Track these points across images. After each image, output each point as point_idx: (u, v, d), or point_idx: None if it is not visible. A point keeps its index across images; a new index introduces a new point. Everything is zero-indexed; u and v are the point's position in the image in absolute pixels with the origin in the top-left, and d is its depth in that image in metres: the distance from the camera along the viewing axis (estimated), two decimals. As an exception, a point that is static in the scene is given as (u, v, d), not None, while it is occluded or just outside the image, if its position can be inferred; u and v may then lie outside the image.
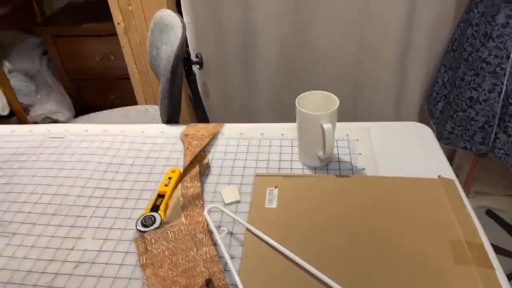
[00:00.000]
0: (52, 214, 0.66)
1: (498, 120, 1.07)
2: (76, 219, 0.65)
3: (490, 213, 1.57)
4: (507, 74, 1.01)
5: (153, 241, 0.59)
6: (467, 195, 1.43)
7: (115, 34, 1.49)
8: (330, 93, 0.70)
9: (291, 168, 0.73)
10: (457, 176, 1.67)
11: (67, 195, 0.70)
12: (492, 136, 1.10)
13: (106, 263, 0.57)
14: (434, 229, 0.57)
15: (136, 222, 0.62)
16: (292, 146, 0.78)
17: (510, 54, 0.99)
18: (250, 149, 0.78)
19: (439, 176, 0.67)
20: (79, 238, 0.62)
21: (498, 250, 1.41)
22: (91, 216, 0.65)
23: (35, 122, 1.90)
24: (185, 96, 1.54)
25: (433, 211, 0.60)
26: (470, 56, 1.09)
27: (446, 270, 0.52)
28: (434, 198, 0.63)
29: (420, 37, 1.29)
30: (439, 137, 1.25)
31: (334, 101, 0.68)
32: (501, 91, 1.04)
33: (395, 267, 0.53)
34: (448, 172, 0.69)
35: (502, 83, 1.03)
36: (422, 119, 1.47)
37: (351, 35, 1.31)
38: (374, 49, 1.33)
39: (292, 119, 0.72)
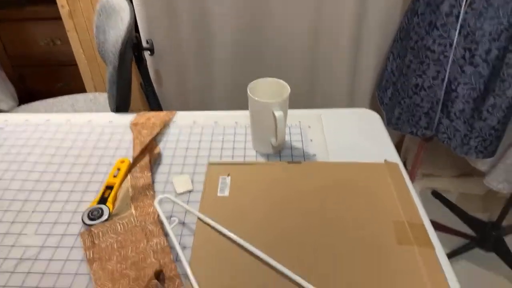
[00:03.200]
0: (-10, 210, 0.62)
1: (441, 106, 1.13)
2: (16, 214, 0.62)
3: (435, 194, 1.67)
4: (449, 62, 1.06)
5: (100, 234, 0.57)
6: (414, 177, 1.50)
7: (60, 18, 1.41)
8: (281, 81, 0.70)
9: (245, 156, 0.72)
10: (406, 159, 1.75)
11: (6, 189, 0.66)
12: (436, 121, 1.16)
13: (50, 259, 0.55)
14: (379, 211, 0.60)
15: (82, 216, 0.60)
16: (245, 134, 0.78)
17: (453, 42, 1.04)
18: (203, 138, 0.77)
19: (385, 160, 0.69)
20: (20, 234, 0.59)
21: (442, 228, 1.51)
22: (33, 211, 0.62)
23: (-26, 112, 1.77)
24: (137, 84, 1.49)
25: (379, 193, 0.63)
26: (415, 44, 1.13)
27: (390, 250, 0.54)
28: (379, 181, 0.65)
29: (371, 26, 1.32)
30: (388, 123, 1.30)
31: (285, 89, 0.68)
32: (444, 78, 1.09)
33: (342, 248, 0.55)
34: (394, 156, 0.71)
35: (445, 71, 1.08)
36: (374, 106, 1.52)
37: (305, 25, 1.32)
38: (327, 38, 1.35)
39: (247, 106, 0.72)
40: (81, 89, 1.59)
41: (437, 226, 1.52)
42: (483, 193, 1.68)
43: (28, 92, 1.94)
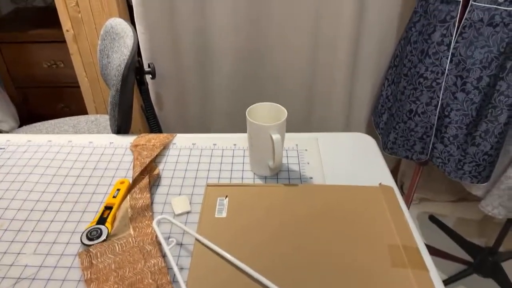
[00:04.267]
0: (-10, 229, 0.63)
1: (435, 131, 1.15)
2: (16, 234, 0.62)
3: (432, 219, 1.67)
4: (442, 89, 1.09)
5: (98, 254, 0.58)
6: (411, 202, 1.50)
7: (64, 41, 1.45)
8: (279, 105, 0.72)
9: (243, 178, 0.74)
10: (402, 184, 1.75)
11: (6, 208, 0.67)
12: (430, 145, 1.18)
13: (48, 279, 0.55)
14: (374, 234, 0.61)
15: (81, 236, 0.61)
16: (244, 156, 0.80)
17: (445, 70, 1.07)
18: (202, 160, 0.79)
19: (379, 184, 0.71)
20: (19, 253, 0.59)
21: (440, 253, 1.50)
22: (32, 231, 0.63)
23: (-25, 132, 1.79)
24: (138, 106, 1.52)
25: (373, 217, 0.64)
26: (409, 71, 1.16)
27: (384, 272, 0.55)
28: (374, 204, 0.66)
29: (367, 54, 1.36)
30: (384, 147, 1.32)
31: (283, 113, 0.71)
32: (437, 104, 1.12)
33: (337, 270, 0.55)
34: (389, 180, 0.73)
35: (438, 97, 1.11)
36: (370, 131, 1.54)
37: (304, 51, 1.36)
38: (324, 64, 1.39)
39: (246, 129, 0.74)
40: (82, 111, 1.62)
41: (434, 251, 1.51)
42: (480, 218, 1.69)
43: (30, 113, 1.97)
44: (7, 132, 1.83)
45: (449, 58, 1.05)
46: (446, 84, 1.08)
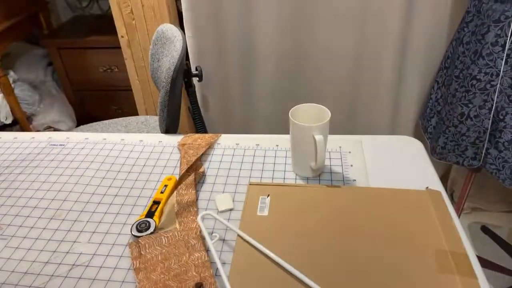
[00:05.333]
0: (50, 218, 0.68)
1: (489, 136, 1.10)
2: (72, 224, 0.67)
3: (485, 229, 1.58)
4: (497, 91, 1.04)
5: (147, 246, 0.61)
6: (462, 211, 1.43)
7: (119, 47, 1.53)
8: (322, 106, 0.72)
9: (284, 178, 0.75)
10: (452, 191, 1.68)
11: (65, 200, 0.72)
12: (483, 151, 1.12)
13: (100, 267, 0.59)
14: (420, 239, 0.59)
15: (131, 227, 0.64)
16: (286, 157, 0.80)
17: (499, 71, 1.01)
18: (245, 159, 0.81)
19: (426, 188, 0.69)
20: (75, 242, 0.64)
21: (492, 265, 1.42)
22: (87, 221, 0.67)
23: (38, 131, 1.93)
24: (185, 108, 1.57)
25: (420, 221, 0.62)
26: (461, 73, 1.12)
27: (429, 278, 0.53)
28: (421, 209, 0.64)
29: (415, 55, 1.32)
30: (433, 152, 1.27)
31: (326, 114, 0.71)
32: (491, 108, 1.06)
33: (381, 274, 0.54)
34: (437, 185, 0.70)
35: (493, 100, 1.05)
36: (417, 135, 1.49)
37: (348, 52, 1.35)
38: (370, 66, 1.37)
39: (288, 131, 0.74)
40: (134, 113, 1.70)
41: (486, 263, 1.43)
42: (538, 230, 1.58)
43: (86, 115, 2.10)
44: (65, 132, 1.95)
45: (504, 59, 1.00)
46: (501, 86, 1.02)
